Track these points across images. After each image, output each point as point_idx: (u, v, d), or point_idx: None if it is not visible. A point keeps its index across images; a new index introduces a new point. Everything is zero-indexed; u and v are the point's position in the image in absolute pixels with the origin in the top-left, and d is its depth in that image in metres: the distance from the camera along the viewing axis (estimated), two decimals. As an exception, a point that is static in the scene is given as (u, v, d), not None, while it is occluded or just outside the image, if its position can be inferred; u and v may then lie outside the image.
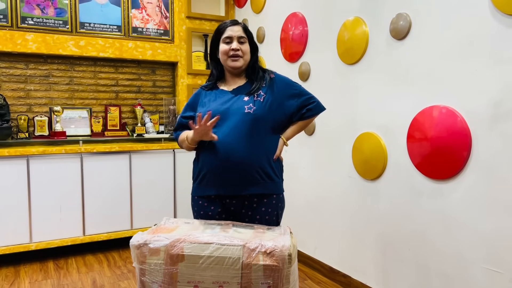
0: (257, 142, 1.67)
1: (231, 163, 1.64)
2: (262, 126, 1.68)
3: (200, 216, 1.74)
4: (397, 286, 2.31)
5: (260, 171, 1.67)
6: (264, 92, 1.73)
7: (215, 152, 1.65)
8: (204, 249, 1.32)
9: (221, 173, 1.66)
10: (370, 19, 2.43)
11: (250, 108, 1.67)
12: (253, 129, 1.66)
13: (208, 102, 1.76)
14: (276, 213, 1.75)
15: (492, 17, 1.78)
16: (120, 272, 2.98)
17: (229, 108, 1.69)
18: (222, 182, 1.67)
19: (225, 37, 1.73)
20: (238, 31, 1.73)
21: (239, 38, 1.73)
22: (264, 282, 1.30)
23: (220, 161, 1.65)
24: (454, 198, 1.97)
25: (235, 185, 1.66)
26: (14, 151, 2.98)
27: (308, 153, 3.04)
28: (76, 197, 3.19)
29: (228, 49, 1.72)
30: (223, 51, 1.73)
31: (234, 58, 1.72)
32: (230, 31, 1.73)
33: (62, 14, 3.44)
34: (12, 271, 2.98)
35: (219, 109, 1.69)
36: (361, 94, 2.52)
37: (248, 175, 1.65)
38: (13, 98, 3.40)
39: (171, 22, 3.89)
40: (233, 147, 1.63)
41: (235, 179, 1.66)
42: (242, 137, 1.64)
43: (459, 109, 1.92)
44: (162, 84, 4.00)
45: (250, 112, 1.66)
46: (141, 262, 1.35)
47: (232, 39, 1.72)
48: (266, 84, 1.76)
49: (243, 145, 1.64)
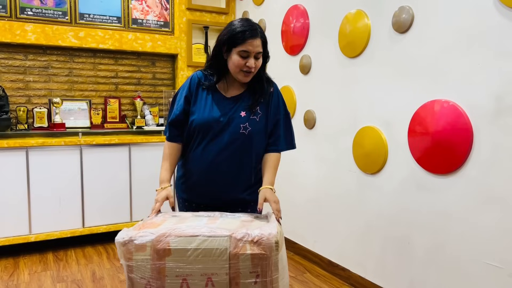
0: (244, 163, 1.66)
1: (212, 180, 1.65)
2: (252, 146, 1.67)
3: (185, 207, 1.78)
4: (396, 280, 2.32)
5: (242, 185, 1.69)
6: (261, 110, 1.68)
7: (203, 167, 1.65)
8: (191, 242, 1.31)
9: (206, 188, 1.68)
10: (373, 12, 2.41)
11: (246, 128, 1.64)
12: (243, 149, 1.65)
13: (204, 105, 1.67)
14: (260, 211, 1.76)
15: (495, 10, 1.76)
16: (120, 264, 2.98)
17: (225, 122, 1.64)
18: (205, 195, 1.70)
19: (242, 51, 1.57)
20: (258, 46, 1.58)
21: (257, 54, 1.59)
22: (253, 271, 1.30)
23: (206, 177, 1.66)
24: (454, 193, 1.96)
25: (219, 199, 1.69)
26: (13, 143, 2.96)
27: (308, 147, 3.03)
28: (75, 189, 3.19)
29: (243, 64, 1.58)
30: (237, 64, 1.59)
31: (246, 74, 1.61)
32: (250, 46, 1.56)
33: (62, 4, 3.41)
34: (12, 263, 2.98)
35: (215, 119, 1.63)
36: (363, 88, 2.51)
37: (229, 190, 1.67)
38: (12, 89, 3.38)
39: (171, 13, 3.86)
40: (219, 166, 1.64)
41: (214, 192, 1.68)
42: (231, 157, 1.64)
43: (461, 103, 1.91)
44: (162, 76, 3.98)
45: (245, 133, 1.64)
46: (128, 258, 1.33)
47: (250, 54, 1.57)
48: (265, 100, 1.69)
49: (229, 165, 1.64)
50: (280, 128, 1.72)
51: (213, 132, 1.63)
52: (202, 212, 1.59)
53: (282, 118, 1.72)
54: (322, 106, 2.87)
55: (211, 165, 1.64)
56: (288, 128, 1.75)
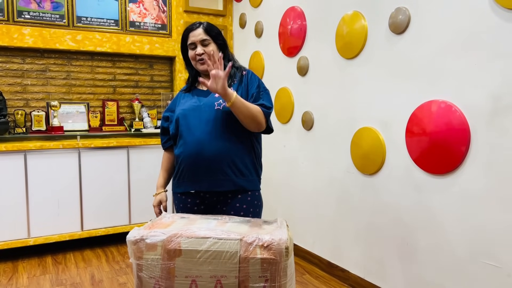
0: (227, 138, 1.69)
1: (202, 159, 1.68)
2: (232, 122, 1.69)
3: (181, 209, 1.79)
4: (395, 281, 2.32)
5: (231, 166, 1.70)
6: (235, 88, 1.74)
7: (189, 148, 1.70)
8: (202, 243, 1.31)
9: (195, 169, 1.71)
10: (369, 13, 2.42)
11: (220, 104, 1.70)
12: (223, 124, 1.69)
13: (184, 102, 1.81)
14: (252, 210, 1.76)
15: (491, 11, 1.77)
16: (119, 267, 2.98)
17: (201, 105, 1.74)
18: (196, 178, 1.71)
19: (189, 44, 1.77)
20: (199, 35, 1.74)
21: (202, 42, 1.74)
22: (262, 275, 1.31)
23: (192, 158, 1.69)
24: (452, 193, 1.97)
25: (208, 181, 1.70)
26: (11, 146, 2.96)
27: (306, 148, 3.03)
28: (74, 192, 3.18)
29: (194, 54, 1.76)
30: (191, 57, 1.78)
31: (201, 62, 1.75)
32: (192, 37, 1.75)
33: (59, 8, 3.41)
34: (10, 267, 2.97)
35: (192, 106, 1.75)
36: (360, 89, 2.52)
37: (219, 170, 1.69)
38: (10, 92, 3.38)
39: (169, 16, 3.86)
40: (204, 142, 1.67)
41: (207, 175, 1.70)
42: (212, 132, 1.68)
43: (458, 104, 1.92)
44: (159, 78, 3.98)
45: (220, 108, 1.70)
46: (138, 257, 1.34)
47: (196, 43, 1.75)
48: (237, 80, 1.78)
49: (212, 141, 1.68)
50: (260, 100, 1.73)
51: (191, 117, 1.72)
52: (210, 215, 1.60)
53: (261, 91, 1.76)
54: (320, 107, 2.88)
55: (194, 146, 1.68)
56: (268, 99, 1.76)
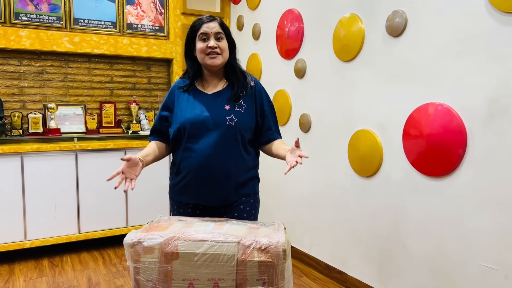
0: (237, 154, 1.67)
1: (211, 175, 1.65)
2: (242, 137, 1.68)
3: (179, 213, 1.76)
4: (392, 283, 2.32)
5: (238, 182, 1.69)
6: (245, 102, 1.70)
7: (196, 162, 1.65)
8: (199, 246, 1.31)
9: (202, 184, 1.66)
10: (366, 16, 2.43)
11: (232, 120, 1.65)
12: (235, 141, 1.66)
13: (186, 105, 1.71)
14: (254, 212, 1.76)
15: (488, 14, 1.78)
16: (116, 269, 2.97)
17: (210, 118, 1.65)
18: (203, 193, 1.68)
19: (201, 34, 1.64)
20: (215, 27, 1.64)
21: (216, 35, 1.64)
22: (259, 278, 1.31)
23: (200, 172, 1.65)
24: (449, 195, 1.98)
25: (214, 197, 1.68)
26: (8, 149, 2.95)
27: (304, 150, 3.02)
28: (71, 194, 3.18)
29: (205, 46, 1.64)
30: (200, 49, 1.65)
31: (212, 56, 1.64)
32: (206, 28, 1.64)
33: (56, 10, 3.41)
34: (7, 269, 2.96)
35: (200, 117, 1.65)
36: (357, 91, 2.52)
37: (227, 187, 1.67)
38: (7, 95, 3.37)
39: (166, 18, 3.86)
40: (213, 158, 1.63)
41: (213, 191, 1.67)
42: (223, 148, 1.64)
43: (455, 107, 1.93)
44: (157, 81, 3.98)
45: (232, 124, 1.64)
46: (135, 260, 1.34)
47: (209, 35, 1.64)
48: (247, 92, 1.71)
49: (223, 157, 1.64)
50: (269, 120, 1.77)
51: (199, 128, 1.64)
52: (208, 218, 1.59)
53: (268, 110, 1.78)
54: (317, 109, 2.88)
55: (203, 161, 1.64)
56: (275, 119, 1.82)
